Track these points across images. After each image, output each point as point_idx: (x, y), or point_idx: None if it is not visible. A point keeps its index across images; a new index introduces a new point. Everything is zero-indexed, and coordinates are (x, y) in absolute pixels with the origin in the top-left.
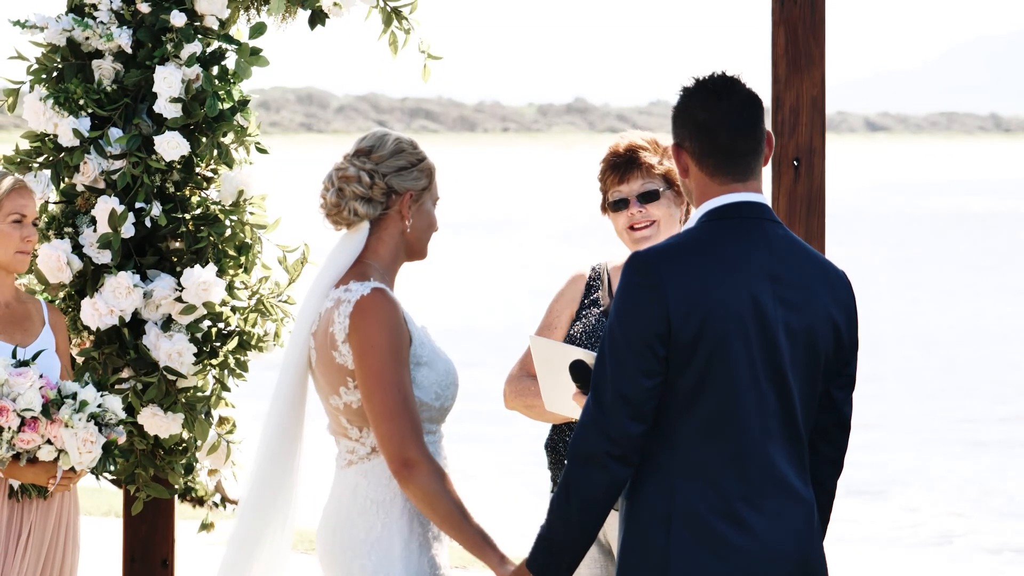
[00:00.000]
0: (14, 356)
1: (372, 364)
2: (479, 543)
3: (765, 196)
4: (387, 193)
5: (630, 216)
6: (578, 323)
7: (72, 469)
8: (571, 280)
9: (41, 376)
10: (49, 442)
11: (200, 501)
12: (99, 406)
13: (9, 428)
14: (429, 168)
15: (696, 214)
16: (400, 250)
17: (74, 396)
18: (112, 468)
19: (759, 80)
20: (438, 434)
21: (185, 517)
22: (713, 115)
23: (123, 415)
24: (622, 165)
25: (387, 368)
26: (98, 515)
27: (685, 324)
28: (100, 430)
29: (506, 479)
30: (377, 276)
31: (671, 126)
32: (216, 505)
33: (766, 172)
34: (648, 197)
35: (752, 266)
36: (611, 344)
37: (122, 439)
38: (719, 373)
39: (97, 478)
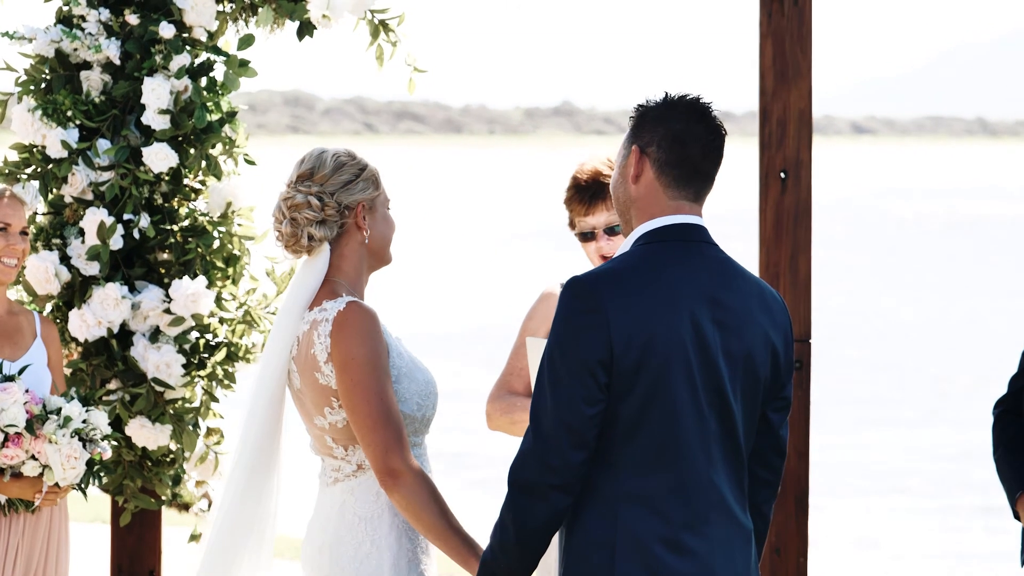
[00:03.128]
0: (0, 370)
1: (354, 376)
2: (464, 553)
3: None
4: (340, 211)
5: (598, 248)
6: None
7: (57, 484)
8: (541, 298)
9: (27, 391)
10: (34, 457)
11: (186, 507)
12: (84, 421)
13: None
14: (373, 175)
15: (632, 236)
16: (363, 262)
17: (58, 411)
18: (97, 483)
19: (746, 91)
20: (422, 447)
21: (172, 523)
22: (690, 129)
23: (108, 430)
24: (587, 196)
25: (368, 379)
26: (85, 522)
27: (627, 350)
28: (84, 446)
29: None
30: (346, 292)
31: (635, 128)
32: (202, 511)
33: (752, 184)
34: (615, 231)
35: (692, 290)
36: (551, 371)
37: (107, 455)
38: (661, 399)
39: (84, 494)
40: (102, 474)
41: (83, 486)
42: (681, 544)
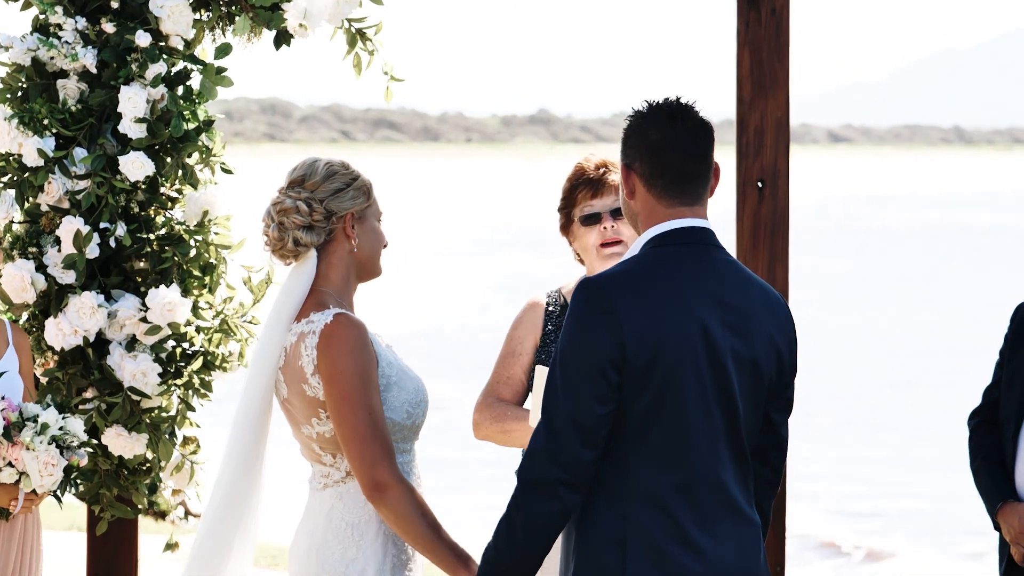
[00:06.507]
0: None
1: (341, 390)
2: (453, 562)
3: (711, 222)
4: (327, 217)
5: (602, 232)
6: (549, 350)
7: (34, 492)
8: (528, 307)
9: (3, 398)
10: (11, 464)
11: (162, 515)
12: (60, 428)
13: None
14: (365, 185)
15: (641, 240)
16: (351, 272)
17: (35, 419)
18: (73, 491)
19: (723, 99)
20: (411, 453)
21: (148, 532)
22: (666, 136)
23: (85, 437)
24: (595, 181)
25: (356, 392)
26: (61, 530)
27: (639, 350)
28: (62, 453)
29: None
30: (334, 302)
31: (622, 145)
32: (179, 519)
33: (730, 194)
34: (620, 213)
35: (702, 293)
36: (563, 370)
37: (83, 461)
38: (672, 399)
39: (59, 501)
40: (79, 481)
41: (60, 493)
42: (692, 542)
